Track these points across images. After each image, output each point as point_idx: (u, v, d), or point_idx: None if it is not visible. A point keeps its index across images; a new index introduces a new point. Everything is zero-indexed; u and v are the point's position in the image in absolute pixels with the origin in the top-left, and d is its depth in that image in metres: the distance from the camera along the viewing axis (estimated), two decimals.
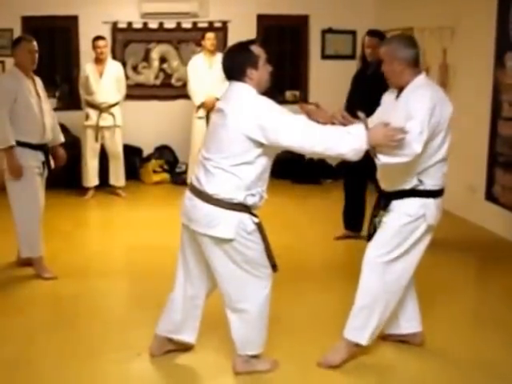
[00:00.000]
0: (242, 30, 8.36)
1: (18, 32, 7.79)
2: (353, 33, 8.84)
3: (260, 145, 3.12)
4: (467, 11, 6.43)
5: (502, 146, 5.97)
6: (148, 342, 3.63)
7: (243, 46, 3.25)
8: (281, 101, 8.71)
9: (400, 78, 3.35)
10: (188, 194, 3.29)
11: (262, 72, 3.23)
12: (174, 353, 3.63)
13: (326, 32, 8.91)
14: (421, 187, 3.37)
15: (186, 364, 3.58)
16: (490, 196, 6.16)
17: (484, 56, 6.11)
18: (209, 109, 7.22)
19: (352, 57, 8.91)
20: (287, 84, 9.13)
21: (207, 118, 7.25)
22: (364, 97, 4.51)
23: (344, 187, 5.91)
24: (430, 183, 3.38)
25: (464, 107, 6.46)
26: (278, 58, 9.04)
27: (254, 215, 3.23)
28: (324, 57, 9.01)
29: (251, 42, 3.28)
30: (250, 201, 3.16)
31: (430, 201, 3.39)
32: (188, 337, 3.57)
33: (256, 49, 3.23)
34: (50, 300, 4.55)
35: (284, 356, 3.57)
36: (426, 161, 3.32)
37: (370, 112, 3.50)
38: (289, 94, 9.05)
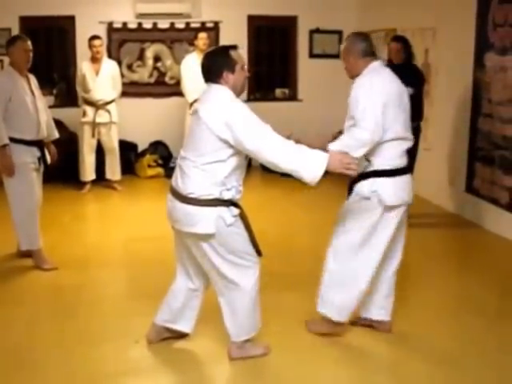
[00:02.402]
0: (233, 30, 8.61)
1: (16, 31, 7.86)
2: (339, 33, 8.97)
3: (231, 145, 3.16)
4: (448, 13, 6.57)
5: (481, 141, 6.10)
6: (146, 330, 3.69)
7: (223, 50, 3.34)
8: (271, 98, 9.05)
9: (355, 69, 3.61)
10: (168, 195, 3.35)
11: (238, 76, 3.30)
12: (170, 340, 3.69)
13: (313, 32, 9.08)
14: (370, 168, 3.49)
15: (183, 351, 3.65)
16: (470, 188, 6.31)
17: (464, 56, 6.24)
18: None
19: (338, 56, 9.09)
20: (277, 82, 9.32)
21: None
22: None
23: None
24: (379, 162, 3.48)
25: (446, 104, 6.70)
26: (268, 57, 9.27)
27: (236, 206, 3.27)
28: (312, 56, 9.17)
29: (232, 47, 3.34)
30: (226, 195, 3.21)
31: (382, 180, 3.48)
32: (184, 327, 3.65)
33: (235, 54, 3.30)
34: (50, 290, 4.59)
35: (277, 341, 3.66)
36: None
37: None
38: (278, 92, 9.27)
